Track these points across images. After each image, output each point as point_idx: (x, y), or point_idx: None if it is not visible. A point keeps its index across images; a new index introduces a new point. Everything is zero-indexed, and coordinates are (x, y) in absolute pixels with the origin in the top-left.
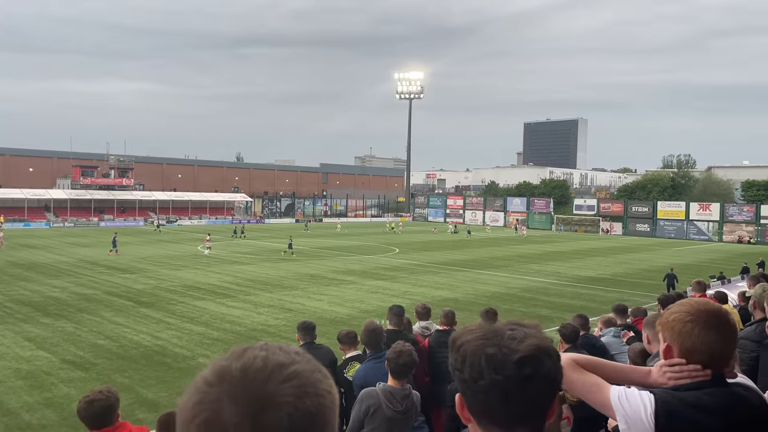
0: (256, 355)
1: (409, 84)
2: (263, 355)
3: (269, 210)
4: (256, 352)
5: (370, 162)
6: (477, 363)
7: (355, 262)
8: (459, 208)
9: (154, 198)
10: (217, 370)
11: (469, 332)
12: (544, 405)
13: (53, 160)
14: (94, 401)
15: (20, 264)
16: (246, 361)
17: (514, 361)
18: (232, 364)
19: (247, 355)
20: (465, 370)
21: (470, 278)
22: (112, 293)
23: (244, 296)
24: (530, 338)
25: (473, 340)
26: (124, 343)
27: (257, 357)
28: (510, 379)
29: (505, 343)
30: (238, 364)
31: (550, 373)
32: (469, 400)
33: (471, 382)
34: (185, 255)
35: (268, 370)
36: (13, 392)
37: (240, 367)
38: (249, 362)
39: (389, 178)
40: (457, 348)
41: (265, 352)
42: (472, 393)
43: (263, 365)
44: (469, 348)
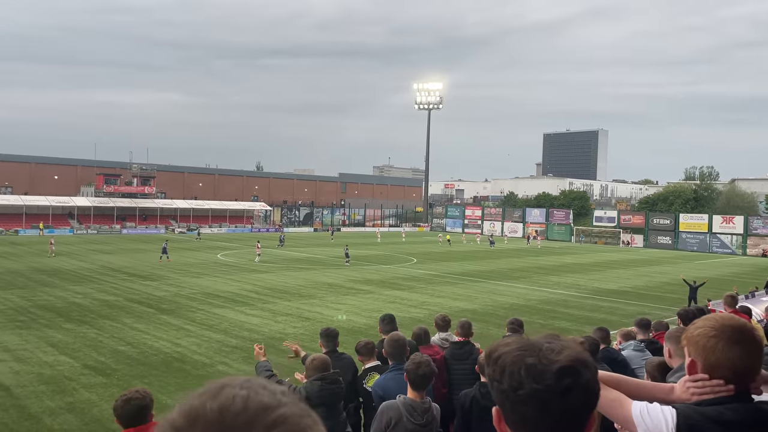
0: (236, 394)
1: (428, 94)
2: (243, 395)
3: (288, 219)
4: (235, 391)
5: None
6: (516, 373)
7: (373, 271)
8: (477, 219)
9: (175, 206)
10: (189, 411)
11: (506, 344)
12: (583, 416)
13: (77, 168)
14: (130, 400)
15: (44, 270)
16: (223, 401)
17: (553, 371)
18: (207, 405)
19: (225, 394)
20: (504, 380)
21: (488, 289)
22: (134, 300)
23: (263, 304)
24: (568, 350)
25: (511, 351)
26: (145, 350)
27: (236, 396)
28: (550, 388)
29: (544, 354)
30: (215, 404)
31: (589, 384)
32: (507, 411)
33: (510, 392)
34: (205, 263)
35: (251, 414)
36: (35, 396)
37: (216, 408)
38: (227, 403)
39: (407, 188)
40: (495, 359)
41: (246, 391)
42: (511, 403)
43: (243, 407)
44: (508, 359)
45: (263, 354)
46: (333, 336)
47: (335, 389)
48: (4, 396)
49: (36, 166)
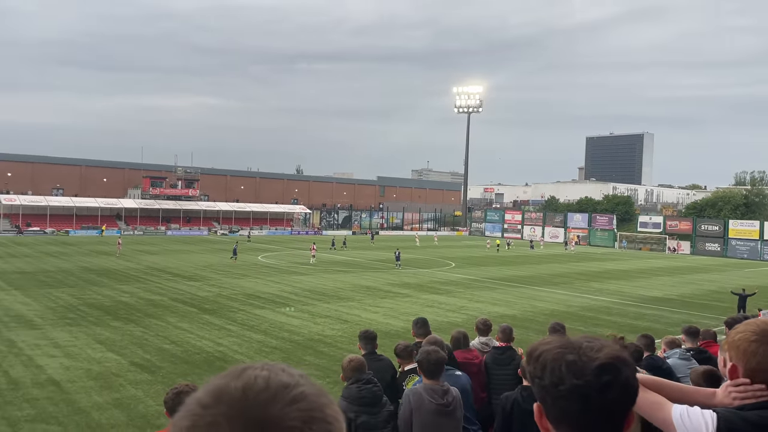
0: (258, 374)
1: (468, 98)
2: (265, 375)
3: (327, 222)
4: (257, 372)
5: (427, 175)
6: (557, 369)
7: (411, 275)
8: (517, 223)
9: (218, 209)
10: (214, 390)
11: (546, 343)
12: (622, 413)
13: (125, 171)
14: (181, 393)
15: (93, 269)
16: (247, 380)
17: (593, 367)
18: (231, 384)
19: (248, 375)
20: (545, 376)
21: (528, 295)
22: (177, 299)
23: (302, 306)
24: (607, 348)
25: (552, 348)
26: (188, 348)
27: (258, 377)
28: (590, 384)
29: (584, 351)
30: (238, 383)
31: (628, 382)
32: (548, 406)
33: (551, 388)
34: (246, 264)
35: (272, 391)
36: (84, 392)
37: (240, 387)
38: (250, 382)
39: (446, 191)
40: (536, 357)
41: (267, 372)
42: (552, 399)
43: (266, 385)
44: (549, 356)
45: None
46: (372, 338)
47: (373, 389)
48: (55, 391)
49: (86, 168)
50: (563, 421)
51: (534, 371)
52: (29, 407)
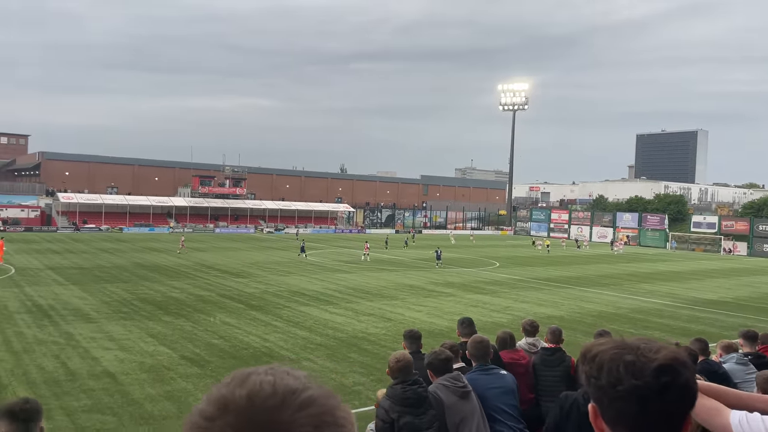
0: (263, 380)
1: (513, 95)
2: (270, 380)
3: (370, 220)
4: (261, 377)
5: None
6: (615, 369)
7: (454, 274)
8: (564, 223)
9: (264, 207)
10: (217, 400)
11: (602, 343)
12: (680, 416)
13: (175, 170)
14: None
15: (145, 266)
16: (252, 387)
17: (652, 368)
18: (236, 392)
19: (252, 381)
20: (602, 376)
21: (575, 296)
22: (225, 296)
23: (346, 304)
24: (666, 350)
25: (609, 349)
26: (236, 344)
27: (264, 382)
28: (648, 385)
29: (642, 352)
30: (243, 391)
31: (688, 384)
32: (604, 407)
33: (609, 388)
34: (291, 262)
35: (279, 397)
36: (137, 384)
37: (245, 394)
38: (255, 388)
39: (490, 190)
40: (592, 357)
41: (271, 377)
42: (609, 400)
43: (272, 391)
44: (606, 356)
45: None
46: (417, 338)
47: (417, 390)
48: (110, 382)
49: (138, 168)
50: (620, 422)
51: (590, 371)
52: (86, 398)
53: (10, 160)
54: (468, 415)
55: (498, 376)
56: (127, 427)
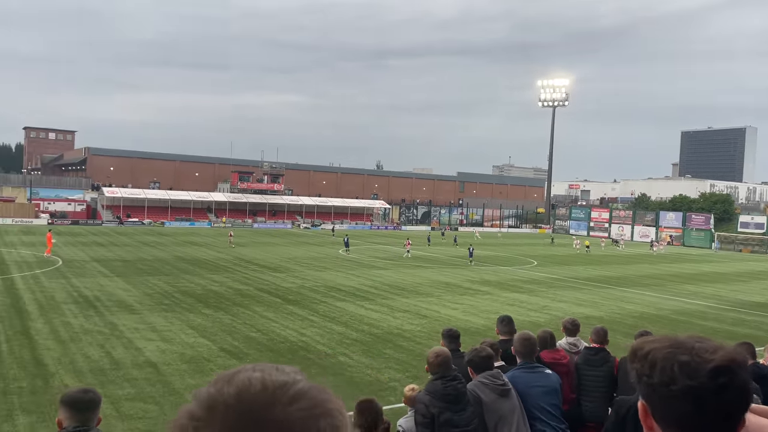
0: (250, 377)
1: (553, 91)
2: (258, 377)
3: (406, 217)
4: (249, 374)
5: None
6: (669, 368)
7: (491, 272)
8: (604, 222)
9: (301, 203)
10: (206, 399)
11: (654, 341)
12: (737, 417)
13: (215, 166)
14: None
15: (186, 259)
16: (240, 384)
17: (708, 369)
18: (224, 390)
19: (240, 378)
20: (655, 375)
21: (615, 296)
22: (263, 290)
23: (382, 300)
24: (722, 350)
25: (662, 347)
26: (273, 337)
27: (252, 378)
28: (704, 386)
29: (697, 352)
30: (231, 389)
31: (745, 385)
32: (656, 406)
33: (661, 387)
34: (328, 257)
35: (269, 392)
36: (178, 374)
37: (234, 392)
38: (244, 385)
39: (528, 188)
40: (644, 355)
41: (260, 373)
42: (661, 399)
43: (262, 387)
44: (660, 354)
45: None
46: (455, 337)
47: (457, 386)
48: (152, 372)
49: (180, 163)
50: (673, 422)
51: (641, 369)
52: (129, 386)
53: (58, 155)
54: (507, 413)
55: (542, 374)
56: (168, 415)
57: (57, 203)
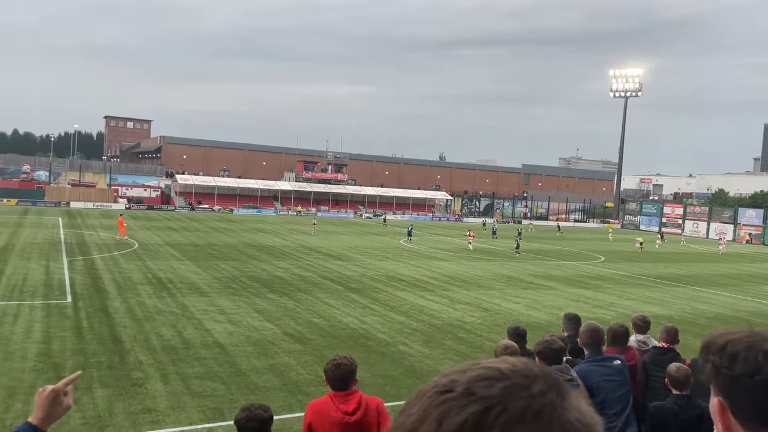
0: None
1: (626, 81)
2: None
3: (468, 209)
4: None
5: (576, 164)
6: (753, 358)
7: (555, 267)
8: (677, 218)
9: (363, 193)
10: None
11: (730, 333)
12: None
13: (282, 155)
14: (340, 365)
15: (253, 245)
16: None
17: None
18: (500, 365)
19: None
20: (736, 366)
21: (687, 295)
22: (326, 277)
23: (442, 291)
24: None
25: (742, 338)
26: (335, 323)
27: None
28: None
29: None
30: (506, 365)
31: None
32: (737, 400)
33: (745, 378)
34: (389, 247)
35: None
36: (245, 356)
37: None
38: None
39: (596, 181)
40: (721, 347)
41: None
42: (744, 391)
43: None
44: (741, 345)
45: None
46: (521, 335)
47: None
48: (220, 353)
49: (248, 153)
50: (756, 416)
51: (719, 361)
52: (198, 365)
53: (135, 143)
54: None
55: (611, 366)
56: (234, 395)
57: (134, 189)
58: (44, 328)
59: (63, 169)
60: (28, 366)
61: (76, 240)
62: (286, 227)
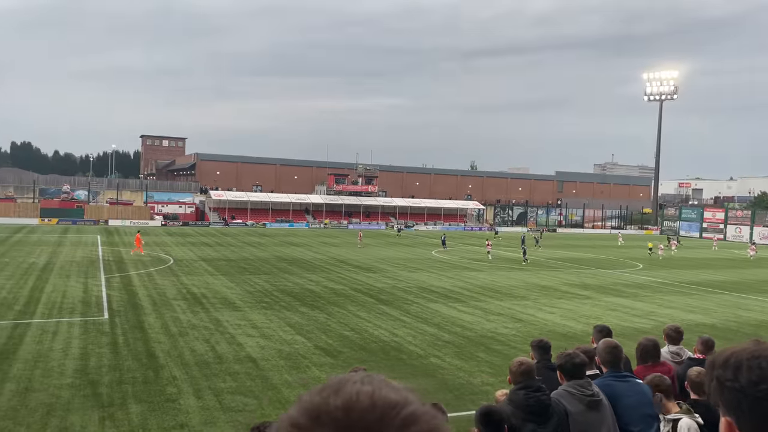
0: (360, 390)
1: (661, 84)
2: (368, 391)
3: (501, 218)
4: (358, 387)
5: (612, 170)
6: (757, 366)
7: (590, 275)
8: (719, 222)
9: (394, 204)
10: (310, 408)
11: (733, 347)
12: None
13: (312, 169)
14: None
15: (285, 259)
16: (348, 397)
17: None
18: (330, 401)
19: (348, 390)
20: (741, 377)
21: (730, 303)
22: (357, 290)
23: (475, 302)
24: None
25: (745, 349)
26: (366, 336)
27: (361, 393)
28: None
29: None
30: (338, 401)
31: None
32: (743, 413)
33: (750, 388)
34: (420, 258)
35: (378, 412)
36: (276, 370)
37: (341, 405)
38: (352, 399)
39: (633, 187)
40: (725, 360)
41: (370, 387)
42: (751, 401)
43: (371, 404)
44: (744, 355)
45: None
46: (546, 348)
47: (541, 397)
48: (252, 367)
49: (280, 167)
50: (763, 429)
51: (724, 375)
52: (231, 380)
53: (170, 161)
54: (594, 426)
55: (635, 383)
56: (266, 409)
57: (169, 206)
58: (82, 344)
59: (101, 188)
60: (66, 382)
61: (114, 257)
62: (317, 240)
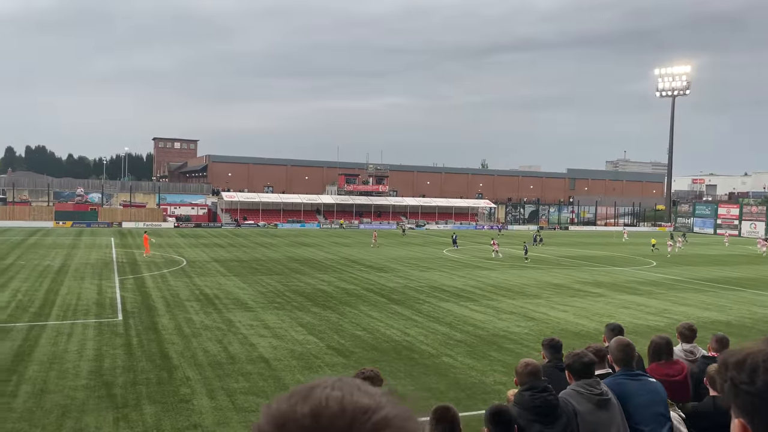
0: (329, 395)
1: (673, 79)
2: (337, 396)
3: (512, 216)
4: (327, 392)
5: (624, 166)
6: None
7: (604, 273)
8: (733, 218)
9: (405, 203)
10: (277, 416)
11: (746, 347)
12: None
13: (323, 169)
14: (367, 378)
15: (297, 259)
16: (316, 403)
17: None
18: (297, 408)
19: (317, 396)
20: (757, 379)
21: (746, 299)
22: (369, 289)
23: (487, 301)
24: None
25: (760, 351)
26: (378, 336)
27: (330, 398)
28: None
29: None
30: (305, 408)
31: None
32: (759, 417)
33: (765, 389)
34: (432, 257)
35: (348, 417)
36: (288, 370)
37: (309, 411)
38: (321, 405)
39: (645, 183)
40: (739, 362)
41: (339, 392)
42: (767, 405)
43: (340, 410)
44: (761, 357)
45: None
46: (558, 347)
47: (547, 398)
48: (264, 367)
49: (291, 168)
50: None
51: (738, 377)
52: (244, 380)
53: (182, 163)
54: (604, 425)
55: (646, 382)
56: None
57: (182, 207)
58: (96, 346)
59: (115, 191)
60: (80, 384)
61: (127, 259)
62: (328, 240)
